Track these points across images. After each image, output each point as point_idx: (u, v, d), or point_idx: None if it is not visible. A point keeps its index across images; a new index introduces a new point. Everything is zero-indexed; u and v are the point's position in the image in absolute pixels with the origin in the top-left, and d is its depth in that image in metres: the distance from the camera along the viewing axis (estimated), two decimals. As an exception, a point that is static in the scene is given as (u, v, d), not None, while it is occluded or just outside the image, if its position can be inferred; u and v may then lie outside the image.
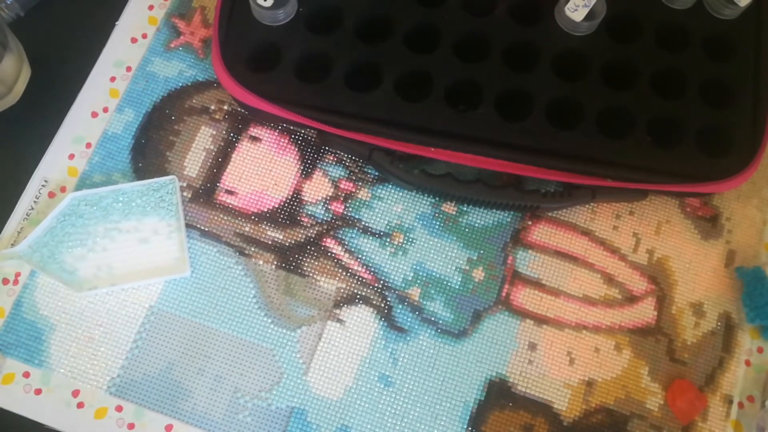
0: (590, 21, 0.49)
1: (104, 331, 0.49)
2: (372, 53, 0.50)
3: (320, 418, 0.47)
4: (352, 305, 0.50)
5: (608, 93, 0.50)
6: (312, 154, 0.53)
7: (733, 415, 0.49)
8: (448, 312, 0.50)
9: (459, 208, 0.52)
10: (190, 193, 0.52)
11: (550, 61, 0.50)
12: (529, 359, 0.49)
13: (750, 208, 0.53)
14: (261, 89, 0.49)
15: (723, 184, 0.48)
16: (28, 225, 0.51)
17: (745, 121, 0.49)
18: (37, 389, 0.47)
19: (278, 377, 0.48)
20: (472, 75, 0.50)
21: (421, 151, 0.48)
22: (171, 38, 0.56)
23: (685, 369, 0.49)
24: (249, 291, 0.50)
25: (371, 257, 0.51)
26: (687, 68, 0.50)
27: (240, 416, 0.47)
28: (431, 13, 0.51)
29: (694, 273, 0.51)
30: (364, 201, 0.52)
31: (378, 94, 0.49)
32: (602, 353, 0.49)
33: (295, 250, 0.51)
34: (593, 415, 0.48)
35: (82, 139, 0.53)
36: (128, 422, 0.47)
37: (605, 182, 0.49)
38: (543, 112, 0.49)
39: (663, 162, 0.48)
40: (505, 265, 0.51)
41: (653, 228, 0.52)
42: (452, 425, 0.48)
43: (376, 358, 0.49)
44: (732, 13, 0.51)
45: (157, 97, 0.54)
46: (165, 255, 0.50)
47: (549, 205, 0.50)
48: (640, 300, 0.51)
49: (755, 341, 0.50)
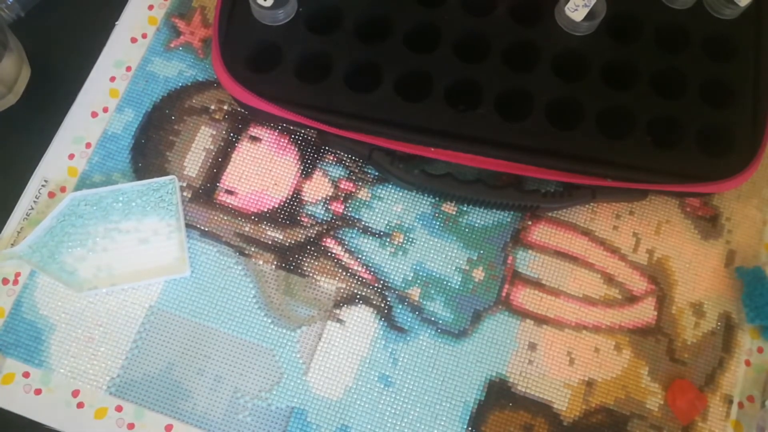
0: (590, 21, 0.49)
1: (104, 331, 0.49)
2: (372, 53, 0.50)
3: (320, 418, 0.47)
4: (352, 305, 0.50)
5: (608, 93, 0.50)
6: (312, 154, 0.53)
7: (733, 415, 0.49)
8: (448, 312, 0.50)
9: (459, 208, 0.52)
10: (190, 193, 0.52)
11: (550, 61, 0.50)
12: (529, 359, 0.49)
13: (750, 208, 0.53)
14: (261, 89, 0.49)
15: (723, 184, 0.48)
16: (28, 225, 0.51)
17: (745, 121, 0.49)
18: (37, 389, 0.47)
19: (278, 377, 0.48)
20: (472, 75, 0.50)
21: (421, 151, 0.48)
22: (171, 38, 0.56)
23: (685, 369, 0.49)
24: (249, 291, 0.50)
25: (371, 257, 0.51)
26: (687, 68, 0.50)
27: (240, 416, 0.47)
28: (431, 13, 0.51)
29: (694, 273, 0.51)
30: (364, 201, 0.52)
31: (378, 94, 0.49)
32: (602, 353, 0.49)
33: (295, 250, 0.51)
34: (593, 415, 0.48)
35: (82, 139, 0.53)
36: (128, 422, 0.47)
37: (605, 182, 0.49)
38: (543, 112, 0.49)
39: (663, 162, 0.48)
40: (505, 265, 0.51)
41: (653, 228, 0.52)
42: (452, 425, 0.48)
43: (376, 358, 0.49)
44: (732, 13, 0.51)
45: (157, 97, 0.54)
46: (165, 255, 0.50)
47: (549, 205, 0.50)
48: (640, 300, 0.51)
49: (755, 341, 0.50)
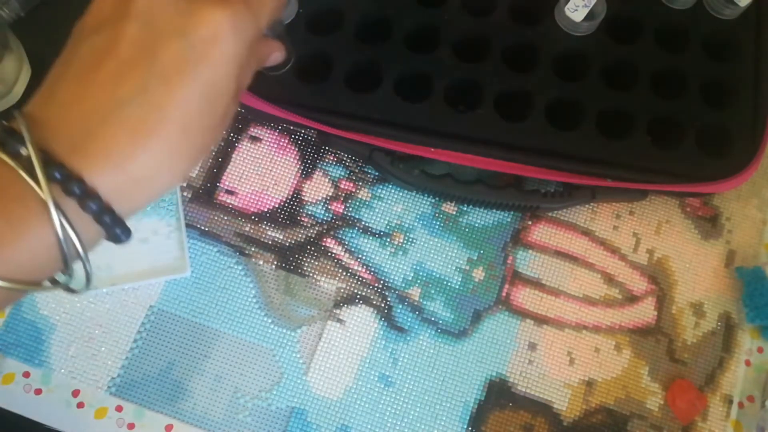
0: (590, 21, 0.49)
1: (104, 331, 0.49)
2: (372, 53, 0.50)
3: (320, 418, 0.47)
4: (352, 305, 0.50)
5: (608, 93, 0.50)
6: (312, 154, 0.53)
7: (733, 415, 0.49)
8: (448, 312, 0.50)
9: (459, 208, 0.52)
10: (190, 192, 0.52)
11: (549, 61, 0.50)
12: (529, 359, 0.49)
13: (750, 208, 0.53)
14: (261, 89, 0.49)
15: (723, 184, 0.48)
16: (28, 225, 0.51)
17: (745, 121, 0.49)
18: (37, 389, 0.47)
19: (278, 377, 0.48)
20: (472, 75, 0.50)
21: (421, 151, 0.48)
22: (171, 38, 0.56)
23: (685, 369, 0.49)
24: (249, 291, 0.50)
25: (371, 257, 0.51)
26: (687, 68, 0.50)
27: (240, 416, 0.47)
28: (431, 13, 0.51)
29: (694, 273, 0.51)
30: (364, 201, 0.52)
31: (378, 94, 0.49)
32: (602, 353, 0.49)
33: (295, 250, 0.51)
34: (593, 415, 0.48)
35: (82, 139, 0.53)
36: (128, 422, 0.47)
37: (605, 182, 0.49)
38: (543, 112, 0.49)
39: (663, 162, 0.48)
40: (505, 265, 0.51)
41: (653, 228, 0.52)
42: (452, 425, 0.48)
43: (376, 358, 0.49)
44: (732, 13, 0.51)
45: (157, 97, 0.54)
46: (165, 255, 0.50)
47: (549, 206, 0.50)
48: (640, 300, 0.51)
49: (755, 341, 0.50)
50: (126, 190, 0.29)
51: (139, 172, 0.29)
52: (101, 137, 0.28)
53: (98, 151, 0.28)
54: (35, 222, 0.27)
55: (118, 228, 0.29)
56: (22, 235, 0.27)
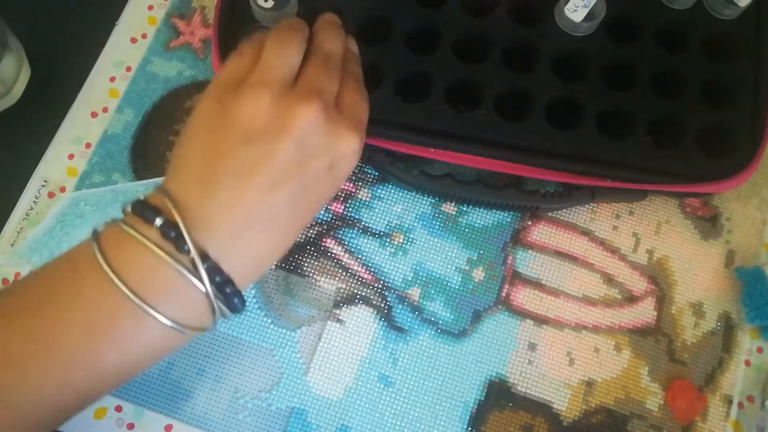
0: (590, 21, 0.49)
1: (104, 331, 0.49)
2: (372, 54, 0.50)
3: (320, 418, 0.47)
4: (352, 305, 0.50)
5: (608, 93, 0.50)
6: (312, 154, 0.53)
7: (733, 415, 0.49)
8: (448, 312, 0.50)
9: (459, 208, 0.52)
10: (190, 193, 0.52)
11: (549, 61, 0.50)
12: (529, 359, 0.49)
13: (750, 208, 0.53)
14: (261, 89, 0.49)
15: (723, 184, 0.48)
16: (27, 225, 0.51)
17: (745, 121, 0.49)
18: (37, 389, 0.47)
19: (278, 377, 0.48)
20: (472, 75, 0.50)
21: (421, 151, 0.48)
22: (171, 38, 0.56)
23: (685, 369, 0.49)
24: (249, 291, 0.50)
25: (371, 257, 0.51)
26: (687, 68, 0.50)
27: (240, 416, 0.47)
28: (431, 14, 0.51)
29: (694, 273, 0.51)
30: (364, 201, 0.52)
31: (378, 94, 0.49)
32: (602, 353, 0.50)
33: (294, 250, 0.51)
34: (593, 415, 0.48)
35: (82, 139, 0.53)
36: (128, 422, 0.47)
37: (605, 182, 0.49)
38: (543, 113, 0.49)
39: (663, 162, 0.48)
40: (505, 265, 0.51)
41: (653, 228, 0.52)
42: (452, 425, 0.48)
43: (376, 358, 0.49)
44: (732, 13, 0.51)
45: (157, 97, 0.54)
46: (165, 255, 0.50)
47: (549, 206, 0.50)
48: (640, 300, 0.51)
49: (755, 341, 0.50)
50: (254, 279, 0.38)
51: (267, 267, 0.38)
52: (249, 241, 0.35)
53: (245, 253, 0.35)
54: (201, 308, 0.35)
55: (240, 304, 0.36)
56: (190, 315, 0.35)
